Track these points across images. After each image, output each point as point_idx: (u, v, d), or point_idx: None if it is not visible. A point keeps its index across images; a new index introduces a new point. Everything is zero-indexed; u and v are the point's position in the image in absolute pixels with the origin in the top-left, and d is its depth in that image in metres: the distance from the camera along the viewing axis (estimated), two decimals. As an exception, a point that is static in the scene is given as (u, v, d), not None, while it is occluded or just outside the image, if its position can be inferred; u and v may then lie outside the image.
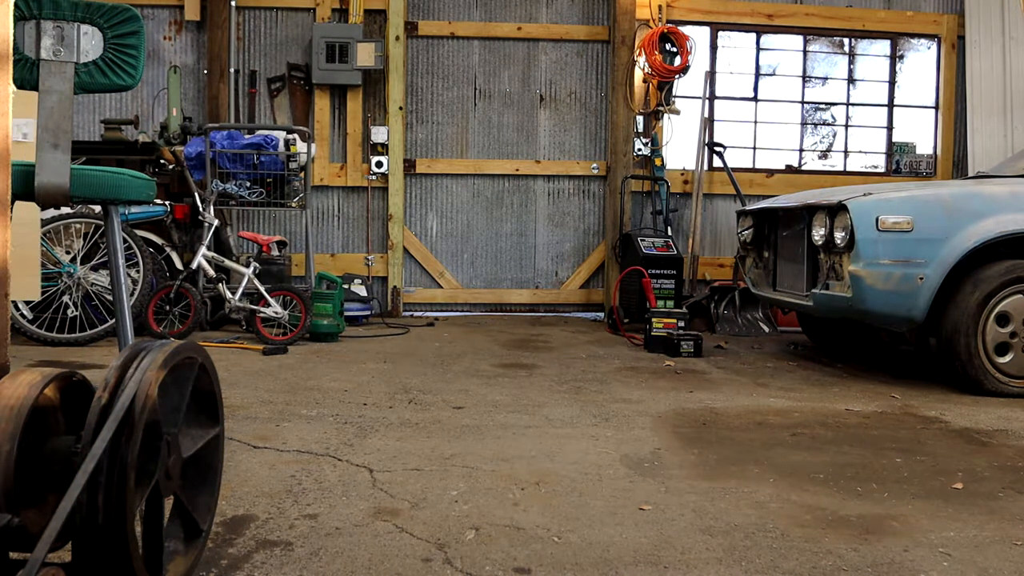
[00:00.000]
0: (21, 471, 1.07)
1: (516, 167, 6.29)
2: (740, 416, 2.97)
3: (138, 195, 1.93)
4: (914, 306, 3.47)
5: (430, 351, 4.39)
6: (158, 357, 1.23)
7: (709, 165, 6.29)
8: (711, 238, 6.38)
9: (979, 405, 3.27)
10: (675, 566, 1.61)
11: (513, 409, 2.98)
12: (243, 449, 2.36)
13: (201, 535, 1.47)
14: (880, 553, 1.70)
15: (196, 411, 1.45)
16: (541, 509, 1.92)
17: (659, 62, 5.97)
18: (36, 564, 0.94)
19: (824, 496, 2.07)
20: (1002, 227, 3.44)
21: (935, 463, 2.40)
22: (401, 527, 1.77)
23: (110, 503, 1.10)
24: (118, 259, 1.94)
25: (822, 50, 6.55)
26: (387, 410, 2.91)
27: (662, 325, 4.58)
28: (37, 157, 1.74)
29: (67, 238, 4.60)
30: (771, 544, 1.73)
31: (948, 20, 6.45)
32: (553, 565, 1.60)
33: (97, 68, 1.86)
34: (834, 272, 3.71)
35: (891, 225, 3.46)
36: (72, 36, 1.81)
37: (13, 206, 1.42)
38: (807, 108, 6.57)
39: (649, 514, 1.90)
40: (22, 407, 1.08)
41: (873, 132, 6.61)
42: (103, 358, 3.94)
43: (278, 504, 1.90)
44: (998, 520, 1.92)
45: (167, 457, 1.25)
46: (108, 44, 1.86)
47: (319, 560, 1.59)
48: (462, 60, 6.25)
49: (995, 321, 3.48)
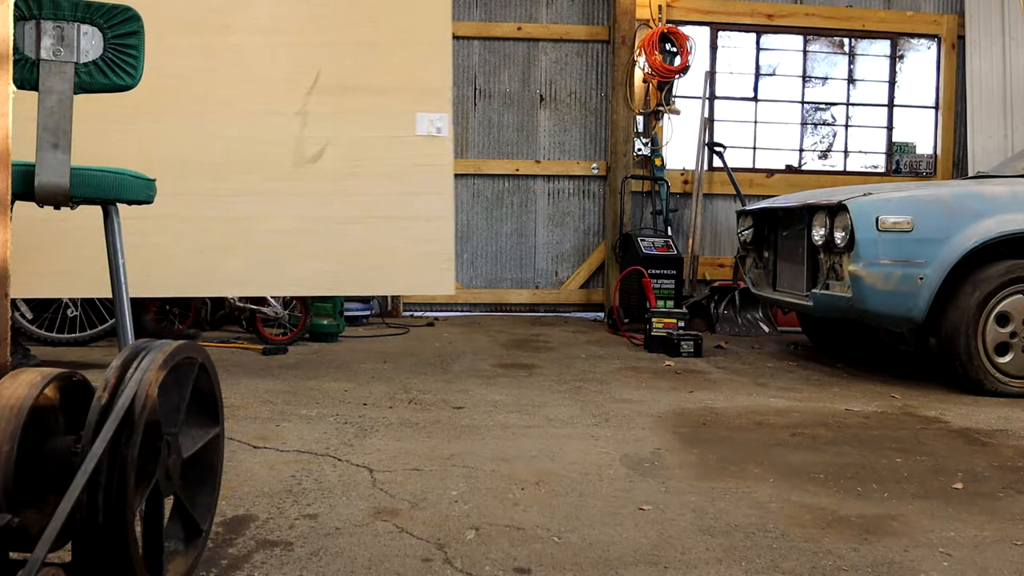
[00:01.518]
0: (21, 471, 1.07)
1: (516, 167, 6.29)
2: (740, 416, 2.97)
3: (138, 195, 1.94)
4: (914, 306, 3.47)
5: (430, 351, 4.39)
6: (158, 357, 1.23)
7: (709, 165, 6.29)
8: (711, 238, 6.38)
9: (979, 405, 3.27)
10: (675, 566, 1.61)
11: (513, 409, 2.98)
12: (243, 449, 2.36)
13: (201, 535, 1.47)
14: (880, 553, 1.70)
15: (196, 411, 1.45)
16: (541, 509, 1.92)
17: (659, 62, 5.97)
18: (36, 564, 0.94)
19: (824, 496, 2.07)
20: (1002, 227, 3.44)
21: (935, 463, 2.40)
22: (401, 527, 1.77)
23: (110, 503, 1.10)
24: (118, 259, 1.94)
25: (822, 50, 6.55)
26: (387, 410, 2.91)
27: (662, 325, 4.58)
28: (37, 157, 1.74)
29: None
30: (771, 544, 1.73)
31: (948, 20, 6.45)
32: (553, 565, 1.60)
33: (97, 68, 1.86)
34: (834, 272, 3.71)
35: (891, 225, 3.46)
36: (72, 36, 1.82)
37: (13, 206, 1.42)
38: (807, 108, 6.57)
39: (649, 514, 1.90)
40: (22, 407, 1.08)
41: (873, 132, 6.61)
42: (103, 358, 3.94)
43: (278, 504, 1.90)
44: (998, 520, 1.92)
45: (167, 457, 1.25)
46: (108, 44, 1.86)
47: (319, 560, 1.59)
48: (462, 60, 6.25)
49: (995, 321, 3.48)
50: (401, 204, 3.29)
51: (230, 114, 3.24)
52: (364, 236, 3.29)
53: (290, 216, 3.27)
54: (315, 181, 3.28)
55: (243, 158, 3.25)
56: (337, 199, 3.28)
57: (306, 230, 3.26)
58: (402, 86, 3.29)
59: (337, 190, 3.28)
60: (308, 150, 3.26)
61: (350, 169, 3.30)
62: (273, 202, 3.26)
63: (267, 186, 3.26)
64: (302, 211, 3.27)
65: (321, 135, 3.29)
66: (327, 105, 3.28)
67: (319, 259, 3.27)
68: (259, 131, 3.26)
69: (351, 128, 3.29)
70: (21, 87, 1.72)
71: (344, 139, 3.29)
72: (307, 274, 3.26)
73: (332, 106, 3.28)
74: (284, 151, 3.29)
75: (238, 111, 3.25)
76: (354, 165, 3.30)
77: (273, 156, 3.27)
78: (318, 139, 3.29)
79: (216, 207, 3.24)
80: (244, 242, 3.25)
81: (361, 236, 3.29)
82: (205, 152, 3.24)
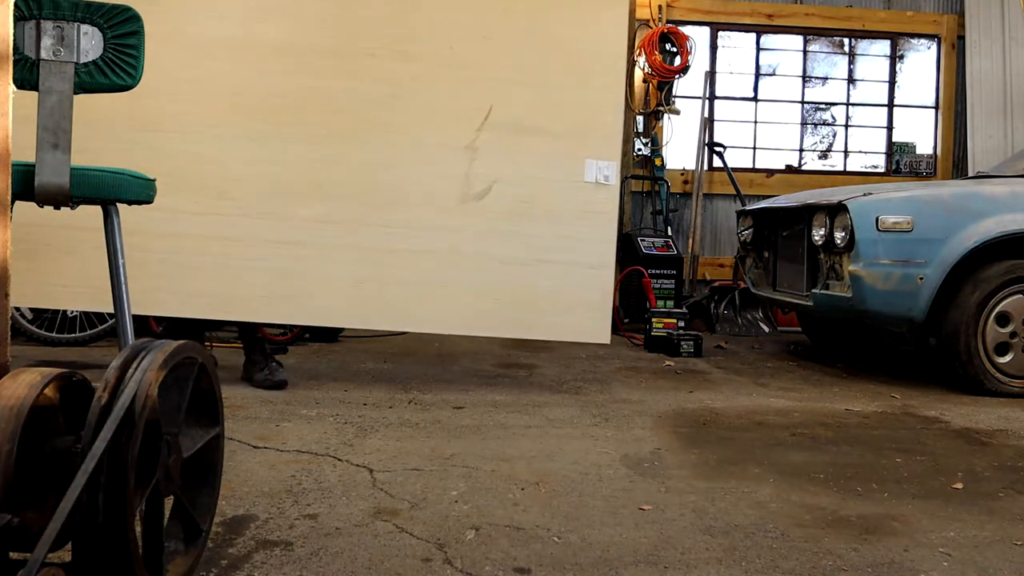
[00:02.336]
0: (21, 471, 1.07)
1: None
2: (740, 416, 2.97)
3: (138, 195, 1.94)
4: (914, 306, 3.47)
5: (430, 351, 4.39)
6: (158, 357, 1.23)
7: (709, 165, 6.29)
8: (711, 238, 6.38)
9: (979, 405, 3.27)
10: (675, 566, 1.61)
11: (513, 409, 2.98)
12: (243, 449, 2.36)
13: (201, 535, 1.47)
14: (880, 553, 1.70)
15: (196, 411, 1.45)
16: (541, 509, 1.92)
17: (659, 62, 5.97)
18: (36, 564, 0.94)
19: (824, 496, 2.07)
20: (1002, 227, 3.45)
21: (935, 463, 2.40)
22: (401, 527, 1.77)
23: (110, 503, 1.10)
24: (118, 259, 1.94)
25: (822, 50, 6.55)
26: (387, 410, 2.91)
27: (662, 325, 4.59)
28: (37, 157, 1.74)
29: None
30: (771, 544, 1.73)
31: (948, 20, 6.45)
32: (553, 565, 1.60)
33: (97, 68, 1.86)
34: (834, 272, 3.71)
35: (891, 225, 3.46)
36: (72, 36, 1.82)
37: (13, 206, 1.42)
38: (807, 108, 6.57)
39: (649, 514, 1.90)
40: (22, 407, 1.08)
41: (873, 132, 6.61)
42: (103, 358, 3.94)
43: (278, 504, 1.90)
44: (998, 520, 1.92)
45: (167, 457, 1.25)
46: (108, 44, 1.86)
47: (319, 560, 1.59)
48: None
49: (995, 321, 3.48)
50: (565, 249, 3.20)
51: (405, 144, 3.17)
52: (524, 278, 3.20)
53: (451, 252, 3.17)
54: (479, 218, 3.19)
55: (412, 189, 3.17)
56: (500, 238, 3.19)
57: (467, 267, 3.18)
58: (573, 130, 3.22)
59: (501, 229, 3.20)
60: (475, 186, 3.18)
61: (516, 209, 3.20)
62: (435, 236, 3.17)
63: (432, 220, 3.18)
64: (464, 247, 3.18)
65: (489, 172, 3.19)
66: (497, 142, 3.19)
67: (477, 297, 3.18)
68: (430, 163, 3.18)
69: (520, 168, 3.20)
70: (21, 87, 1.72)
71: (512, 178, 3.20)
72: (464, 311, 3.18)
73: (502, 144, 3.20)
74: (452, 185, 3.19)
75: (412, 141, 3.17)
76: (520, 205, 3.21)
77: (441, 190, 3.18)
78: (486, 176, 3.20)
79: (380, 238, 3.15)
80: (404, 275, 3.16)
81: (521, 277, 3.20)
82: (376, 181, 3.16)
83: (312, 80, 3.13)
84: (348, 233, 3.15)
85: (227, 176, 3.09)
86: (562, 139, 3.21)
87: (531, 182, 3.20)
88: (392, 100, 3.17)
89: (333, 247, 3.14)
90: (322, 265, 3.14)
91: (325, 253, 3.15)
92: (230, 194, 3.10)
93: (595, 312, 3.22)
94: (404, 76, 3.17)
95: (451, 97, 3.19)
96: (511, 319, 3.20)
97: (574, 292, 3.20)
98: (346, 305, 3.15)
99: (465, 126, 3.19)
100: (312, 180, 3.14)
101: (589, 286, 3.21)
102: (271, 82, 3.13)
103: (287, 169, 3.13)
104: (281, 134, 3.12)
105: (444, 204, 3.18)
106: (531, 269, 3.19)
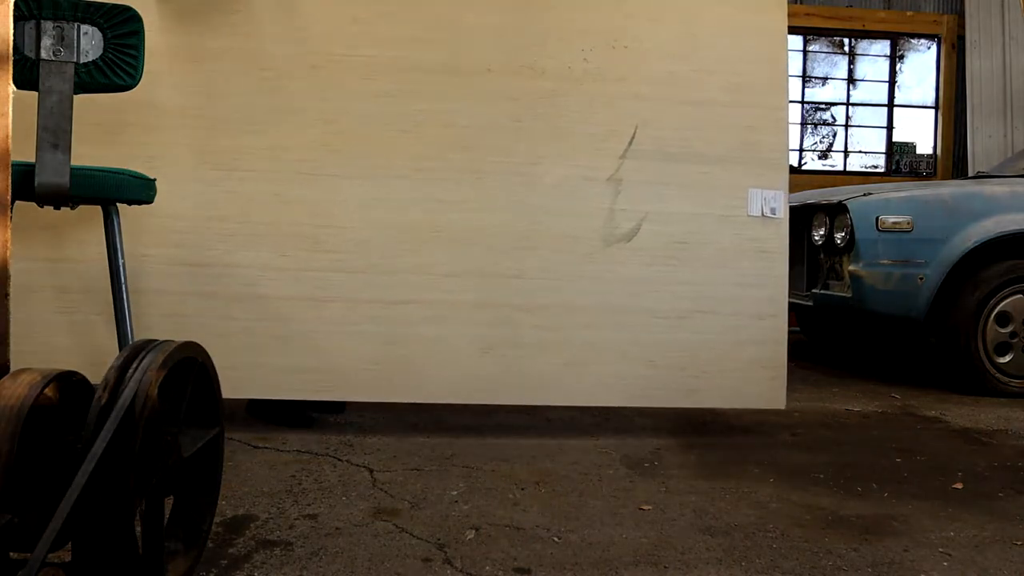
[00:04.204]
0: (21, 471, 1.07)
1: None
2: (740, 416, 2.97)
3: (138, 195, 1.94)
4: (914, 306, 3.47)
5: (430, 351, 4.38)
6: (158, 357, 1.23)
7: (709, 165, 6.28)
8: (711, 238, 6.37)
9: (979, 405, 3.27)
10: (675, 566, 1.61)
11: (513, 409, 2.98)
12: (243, 449, 2.36)
13: (201, 535, 1.47)
14: (880, 553, 1.70)
15: (196, 411, 1.45)
16: (541, 509, 1.92)
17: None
18: (36, 564, 0.94)
19: (824, 496, 2.07)
20: (1002, 227, 3.45)
21: (935, 463, 2.40)
22: (401, 527, 1.77)
23: (110, 503, 1.10)
24: (118, 259, 1.94)
25: (822, 50, 6.55)
26: (387, 410, 2.91)
27: (662, 325, 4.58)
28: (37, 157, 1.74)
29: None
30: (771, 544, 1.73)
31: (948, 20, 6.45)
32: (553, 565, 1.60)
33: (97, 68, 1.86)
34: (834, 272, 3.71)
35: (891, 225, 3.46)
36: (72, 36, 1.82)
37: (13, 206, 1.42)
38: (807, 108, 6.58)
39: (649, 514, 1.90)
40: (22, 407, 1.08)
41: (873, 132, 6.61)
42: (103, 358, 3.93)
43: (278, 504, 1.90)
44: (998, 520, 1.92)
45: (167, 457, 1.25)
46: (108, 44, 1.86)
47: (319, 560, 1.59)
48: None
49: (995, 321, 3.48)
50: (727, 297, 2.67)
51: (537, 176, 2.61)
52: (683, 335, 2.66)
53: (597, 307, 2.63)
54: (628, 264, 2.64)
55: (550, 232, 2.61)
56: (653, 288, 2.65)
57: (615, 324, 2.63)
58: (733, 156, 2.68)
59: (653, 277, 2.65)
60: (621, 225, 2.63)
61: (669, 252, 2.65)
62: (578, 288, 2.62)
63: (573, 268, 2.63)
64: (611, 300, 2.63)
65: (636, 207, 2.64)
66: (643, 171, 2.64)
67: (628, 361, 2.65)
68: (567, 199, 2.62)
69: (672, 202, 2.65)
70: (21, 87, 1.72)
71: (662, 214, 2.65)
72: (614, 379, 2.65)
73: (650, 173, 2.65)
74: (594, 225, 2.63)
75: (546, 172, 2.62)
76: (674, 247, 2.66)
77: (582, 231, 2.62)
78: (633, 213, 2.64)
79: (512, 292, 2.59)
80: (543, 337, 2.61)
81: (679, 334, 2.66)
82: (506, 222, 2.59)
83: (420, 103, 2.57)
84: (471, 288, 2.59)
85: (320, 223, 2.54)
86: (720, 165, 2.69)
87: (685, 218, 2.67)
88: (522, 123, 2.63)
89: (452, 304, 2.58)
90: (440, 328, 2.58)
91: (443, 312, 2.58)
92: (325, 244, 2.54)
93: (767, 371, 2.71)
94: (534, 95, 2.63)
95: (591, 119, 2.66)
96: (673, 385, 2.69)
97: (743, 349, 2.69)
98: (471, 377, 2.60)
99: (607, 153, 2.65)
100: (425, 223, 2.57)
101: (757, 340, 2.71)
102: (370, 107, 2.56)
103: (393, 211, 2.56)
104: (385, 169, 2.55)
105: (587, 248, 2.64)
106: (691, 323, 2.68)
